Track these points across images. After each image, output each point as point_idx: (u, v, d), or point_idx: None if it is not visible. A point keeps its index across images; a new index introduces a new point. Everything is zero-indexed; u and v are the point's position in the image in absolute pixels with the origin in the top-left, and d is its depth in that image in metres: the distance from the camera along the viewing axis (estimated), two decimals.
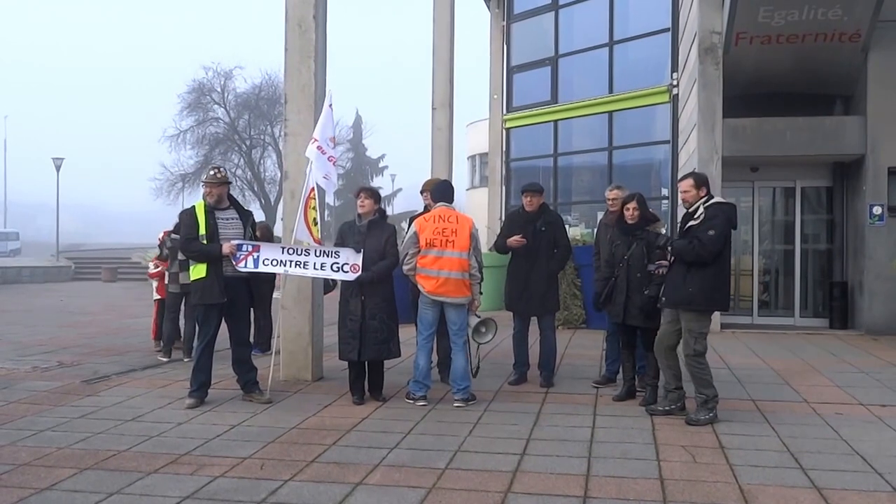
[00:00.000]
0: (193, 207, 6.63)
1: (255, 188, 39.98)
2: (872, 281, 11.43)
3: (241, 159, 39.98)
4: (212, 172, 6.68)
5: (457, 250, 6.51)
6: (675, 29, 15.60)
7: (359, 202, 6.70)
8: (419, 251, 6.54)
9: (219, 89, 38.82)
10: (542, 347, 7.56)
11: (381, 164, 55.72)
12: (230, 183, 6.82)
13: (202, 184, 6.75)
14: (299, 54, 7.74)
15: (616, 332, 7.15)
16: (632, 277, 6.54)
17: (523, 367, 7.63)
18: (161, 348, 9.36)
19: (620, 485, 4.55)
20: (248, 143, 39.85)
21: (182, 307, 9.34)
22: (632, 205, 6.67)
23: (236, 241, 6.51)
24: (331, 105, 7.23)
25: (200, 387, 6.58)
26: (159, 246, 9.84)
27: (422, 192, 7.53)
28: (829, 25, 10.93)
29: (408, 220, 7.79)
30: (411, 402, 6.61)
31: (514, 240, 7.34)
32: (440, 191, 6.92)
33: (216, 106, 39.30)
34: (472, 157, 36.68)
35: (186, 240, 6.51)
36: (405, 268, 6.61)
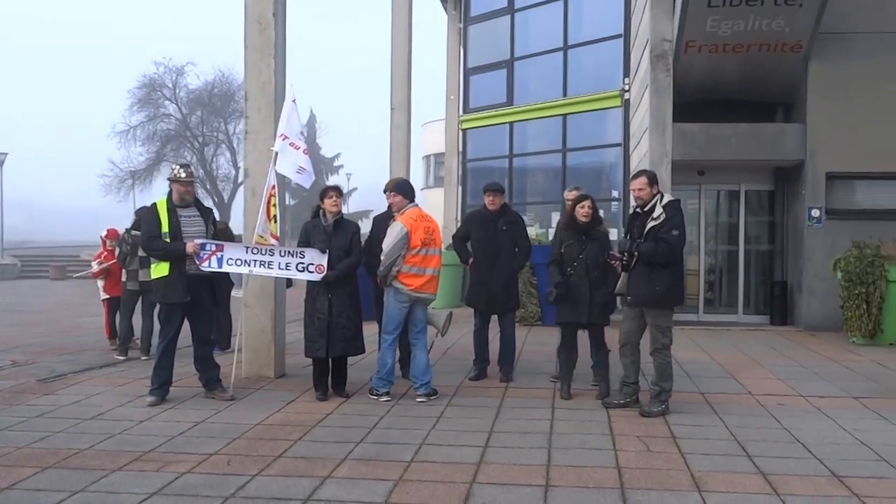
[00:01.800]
0: (155, 205, 6.59)
1: (208, 186, 39.57)
2: (811, 280, 11.94)
3: (194, 157, 39.51)
4: (185, 171, 6.66)
5: (438, 248, 6.77)
6: (626, 35, 15.99)
7: (331, 202, 6.77)
8: (406, 252, 6.59)
9: (170, 85, 38.33)
10: (501, 343, 7.75)
11: (336, 164, 55.48)
12: (196, 180, 6.87)
13: (173, 182, 6.63)
14: (259, 52, 7.77)
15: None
16: (591, 277, 6.70)
17: (484, 363, 7.81)
18: (117, 347, 9.27)
19: (580, 473, 4.77)
20: (200, 140, 39.40)
21: (139, 305, 9.24)
22: (586, 203, 6.79)
23: (200, 241, 6.51)
24: (294, 100, 7.23)
25: (162, 385, 6.59)
26: (105, 244, 9.73)
27: (386, 192, 7.53)
28: (773, 36, 11.39)
29: (372, 221, 7.87)
30: (375, 397, 6.75)
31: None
32: (409, 190, 7.04)
33: (167, 102, 38.78)
34: (428, 157, 36.85)
35: (149, 238, 6.46)
36: (394, 269, 6.57)
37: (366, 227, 8.55)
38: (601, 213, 7.78)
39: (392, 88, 14.22)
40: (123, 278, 9.26)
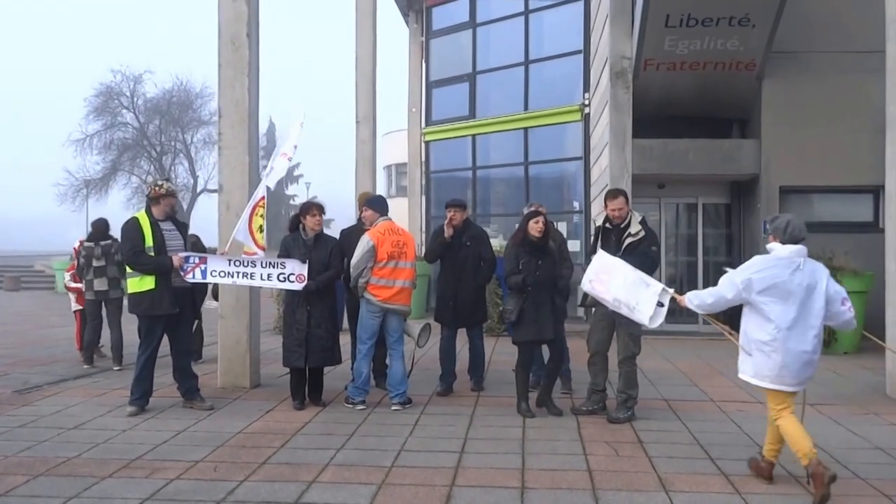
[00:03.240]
0: (136, 219, 6.68)
1: None
2: None
3: (152, 166, 39.27)
4: (168, 186, 6.83)
5: (409, 261, 6.91)
6: (586, 51, 16.39)
7: (314, 220, 6.95)
8: (374, 264, 6.78)
9: (128, 93, 37.96)
10: (471, 354, 7.90)
11: (296, 173, 55.24)
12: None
13: (164, 197, 6.75)
14: (233, 70, 7.93)
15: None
16: (549, 292, 6.74)
17: (450, 377, 7.84)
18: (83, 356, 9.33)
19: (553, 476, 5.00)
20: (158, 149, 39.04)
21: (104, 315, 9.30)
22: (540, 219, 6.75)
23: (184, 254, 6.68)
24: (302, 123, 7.43)
25: (143, 395, 6.68)
26: (76, 255, 9.75)
27: (358, 205, 7.75)
28: (728, 55, 11.86)
29: (339, 234, 8.01)
30: (350, 406, 6.91)
31: (448, 225, 7.60)
32: (381, 204, 7.23)
33: (125, 110, 38.37)
34: (389, 167, 37.07)
35: (134, 252, 6.51)
36: (361, 280, 6.79)
37: None
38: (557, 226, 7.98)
39: (357, 102, 14.37)
40: (84, 289, 9.32)
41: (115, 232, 8.58)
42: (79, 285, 9.57)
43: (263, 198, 7.16)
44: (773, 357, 4.73)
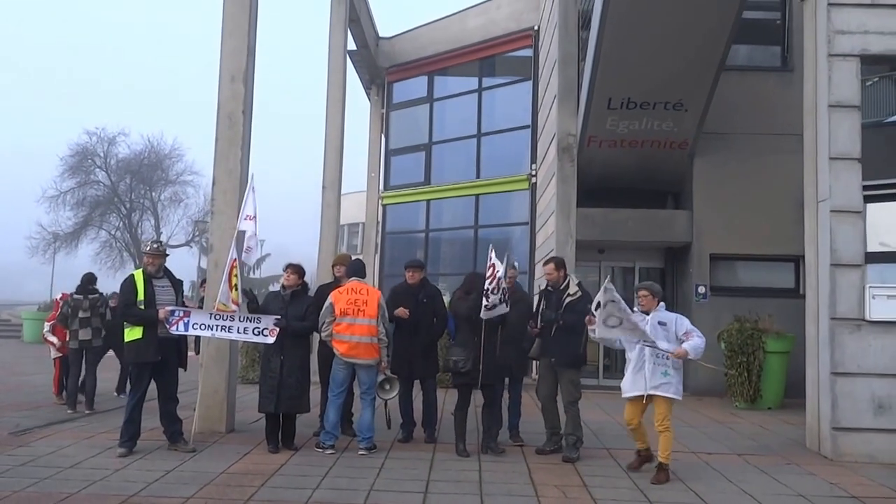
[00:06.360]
0: (133, 276, 7.36)
1: (132, 250, 39.72)
2: None
3: (121, 222, 40.41)
4: (155, 245, 7.53)
5: (366, 318, 7.49)
6: (534, 126, 17.55)
7: (284, 275, 7.73)
8: (335, 319, 7.48)
9: (101, 154, 39.00)
10: (424, 407, 8.46)
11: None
12: (168, 255, 7.64)
13: (144, 254, 7.54)
14: (228, 143, 8.70)
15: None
16: (492, 340, 7.56)
17: (410, 426, 8.43)
18: (66, 401, 9.84)
19: None
20: (127, 206, 39.99)
21: (83, 362, 9.85)
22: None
23: (170, 307, 7.29)
24: (254, 187, 8.04)
25: (131, 438, 7.20)
26: (58, 306, 10.30)
27: (333, 266, 8.52)
28: (663, 135, 13.04)
29: (316, 290, 8.69)
30: (321, 450, 7.49)
31: (400, 311, 8.21)
32: (354, 268, 7.93)
33: (98, 169, 39.64)
34: (342, 227, 37.79)
35: (125, 305, 7.20)
36: (323, 334, 7.53)
37: None
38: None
39: (325, 169, 15.11)
40: (68, 338, 9.85)
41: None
42: (54, 338, 10.12)
43: (235, 260, 7.74)
44: None
